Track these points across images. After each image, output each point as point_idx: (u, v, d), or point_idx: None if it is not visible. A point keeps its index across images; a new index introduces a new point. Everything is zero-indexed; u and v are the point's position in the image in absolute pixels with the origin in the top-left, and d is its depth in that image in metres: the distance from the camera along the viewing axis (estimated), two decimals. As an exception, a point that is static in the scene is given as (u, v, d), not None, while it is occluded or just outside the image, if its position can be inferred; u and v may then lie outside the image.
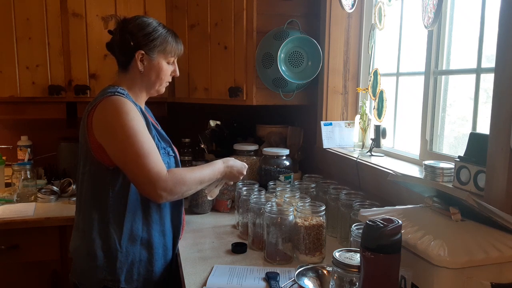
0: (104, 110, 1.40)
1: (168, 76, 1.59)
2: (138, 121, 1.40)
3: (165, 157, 1.50)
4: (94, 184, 1.46)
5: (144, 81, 1.55)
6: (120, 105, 1.39)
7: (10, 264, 2.04)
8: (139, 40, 1.50)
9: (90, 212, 1.45)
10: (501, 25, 1.11)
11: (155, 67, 1.53)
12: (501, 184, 1.11)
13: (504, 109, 1.09)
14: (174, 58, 1.60)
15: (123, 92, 1.46)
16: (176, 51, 1.58)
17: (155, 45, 1.51)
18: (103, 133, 1.40)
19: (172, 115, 2.69)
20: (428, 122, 1.68)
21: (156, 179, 1.35)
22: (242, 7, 2.12)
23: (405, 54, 1.88)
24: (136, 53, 1.49)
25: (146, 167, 1.35)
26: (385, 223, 0.89)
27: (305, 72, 2.13)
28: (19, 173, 2.35)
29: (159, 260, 1.51)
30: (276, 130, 2.43)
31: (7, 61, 2.24)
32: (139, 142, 1.36)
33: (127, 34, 1.50)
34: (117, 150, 1.39)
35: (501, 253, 0.91)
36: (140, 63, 1.51)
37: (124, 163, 1.38)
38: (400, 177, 1.33)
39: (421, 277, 0.95)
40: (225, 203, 2.04)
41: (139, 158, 1.35)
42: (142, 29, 1.51)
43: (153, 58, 1.52)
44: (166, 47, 1.53)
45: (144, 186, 1.36)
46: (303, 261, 1.43)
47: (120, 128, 1.37)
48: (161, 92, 1.62)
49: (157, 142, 1.48)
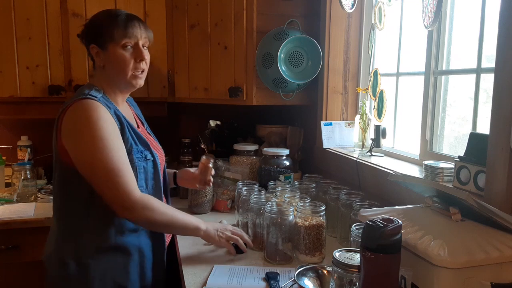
0: (73, 115, 1.31)
1: (130, 63, 1.41)
2: (108, 130, 1.30)
3: (142, 161, 1.41)
4: (63, 190, 1.40)
5: (109, 76, 1.43)
6: (89, 111, 1.29)
7: (10, 264, 2.04)
8: (90, 34, 1.41)
9: (60, 219, 1.40)
10: (501, 25, 1.11)
11: (112, 58, 1.40)
12: (501, 184, 1.11)
13: (504, 109, 1.09)
14: (132, 41, 1.40)
15: (96, 94, 1.36)
16: (127, 33, 1.39)
17: (100, 34, 1.39)
18: (70, 140, 1.32)
19: (172, 115, 2.69)
20: (428, 122, 1.68)
21: (123, 198, 1.28)
22: (242, 7, 2.12)
23: (405, 54, 1.88)
24: (90, 49, 1.42)
25: (114, 185, 1.28)
26: (385, 223, 0.89)
27: (305, 72, 2.13)
28: (19, 173, 2.35)
29: (135, 267, 1.42)
30: (276, 130, 2.44)
31: (7, 61, 2.24)
32: (108, 157, 1.28)
33: (85, 29, 1.44)
34: (84, 162, 1.30)
35: (501, 253, 0.91)
36: (97, 58, 1.42)
37: (90, 176, 1.30)
38: (400, 177, 1.33)
39: (421, 277, 0.95)
40: (225, 203, 2.05)
41: (107, 174, 1.27)
42: (94, 21, 1.43)
43: (106, 48, 1.39)
44: (113, 32, 1.38)
45: (111, 203, 1.30)
46: (303, 261, 1.43)
47: (88, 139, 1.28)
48: (137, 84, 1.46)
49: (132, 145, 1.39)
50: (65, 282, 1.37)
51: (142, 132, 1.53)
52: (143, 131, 1.56)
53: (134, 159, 1.38)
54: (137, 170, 1.39)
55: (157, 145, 1.60)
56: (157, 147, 1.59)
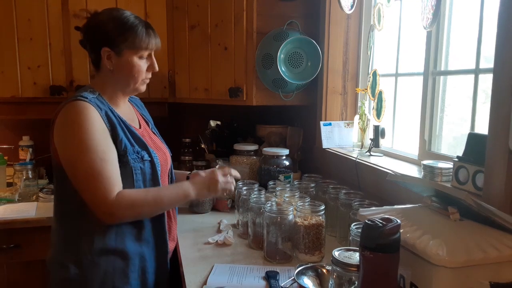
0: (62, 117, 1.31)
1: (143, 72, 1.43)
2: (93, 133, 1.28)
3: (138, 162, 1.38)
4: (61, 192, 1.39)
5: (116, 80, 1.42)
6: (76, 114, 1.28)
7: (12, 264, 2.05)
8: (103, 36, 1.37)
9: (60, 223, 1.40)
10: (499, 26, 1.11)
11: (125, 64, 1.39)
12: (499, 183, 1.11)
13: (502, 110, 1.10)
14: (148, 52, 1.43)
15: (88, 95, 1.34)
16: (148, 44, 1.41)
17: (120, 40, 1.37)
18: (59, 142, 1.32)
19: (173, 115, 2.70)
20: (427, 122, 1.69)
21: (99, 202, 1.26)
22: (242, 8, 2.12)
23: (404, 54, 1.89)
24: (101, 51, 1.38)
25: (91, 189, 1.26)
26: (384, 223, 0.89)
27: (304, 72, 2.14)
28: (21, 173, 2.36)
29: (136, 272, 1.40)
30: (276, 130, 2.44)
31: (9, 61, 2.25)
32: (89, 160, 1.26)
33: (93, 28, 1.39)
34: (67, 164, 1.30)
35: (500, 252, 0.91)
36: (107, 61, 1.39)
37: (73, 179, 1.30)
38: (399, 177, 1.34)
39: (420, 276, 0.96)
40: (225, 202, 2.05)
41: (86, 177, 1.26)
42: (108, 22, 1.37)
43: (121, 54, 1.38)
44: (134, 41, 1.37)
45: (89, 206, 1.29)
46: (303, 260, 1.44)
47: (72, 141, 1.28)
48: (141, 91, 1.48)
49: (127, 146, 1.36)
50: (66, 286, 1.37)
51: (144, 132, 1.52)
52: (146, 131, 1.54)
53: (130, 160, 1.36)
54: (133, 171, 1.37)
55: (161, 145, 1.58)
56: (160, 147, 1.56)
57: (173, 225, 1.58)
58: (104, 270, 1.36)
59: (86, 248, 1.34)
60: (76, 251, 1.35)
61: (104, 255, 1.36)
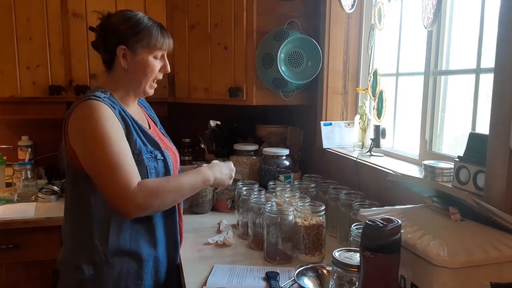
0: (76, 116, 1.32)
1: (156, 72, 1.47)
2: (109, 128, 1.30)
3: (152, 161, 1.40)
4: (75, 193, 1.39)
5: (129, 79, 1.44)
6: (91, 111, 1.30)
7: (11, 264, 2.05)
8: (119, 35, 1.39)
9: (74, 224, 1.39)
10: (500, 25, 1.11)
11: (140, 63, 1.42)
12: (500, 184, 1.11)
13: (503, 109, 1.09)
14: (162, 52, 1.46)
15: (100, 95, 1.35)
16: (162, 45, 1.44)
17: (137, 39, 1.39)
18: (75, 140, 1.32)
19: (173, 115, 2.69)
20: (428, 122, 1.68)
21: (122, 193, 1.25)
22: (242, 8, 2.12)
23: (405, 54, 1.89)
24: (117, 48, 1.39)
25: (112, 181, 1.26)
26: (385, 223, 0.89)
27: (305, 72, 2.14)
28: (20, 173, 2.36)
29: (149, 273, 1.41)
30: (276, 130, 2.44)
31: (8, 61, 2.25)
32: (107, 153, 1.26)
33: (108, 29, 1.41)
34: (86, 160, 1.30)
35: (501, 252, 0.91)
36: (123, 59, 1.40)
37: (93, 175, 1.30)
38: (399, 177, 1.33)
39: (420, 277, 0.95)
40: (225, 202, 2.05)
41: (106, 171, 1.26)
42: (123, 23, 1.40)
43: (137, 53, 1.40)
44: (150, 41, 1.40)
45: (112, 200, 1.27)
46: (303, 260, 1.43)
47: (89, 137, 1.28)
48: (149, 94, 1.50)
49: (141, 147, 1.38)
50: (79, 286, 1.36)
51: (154, 132, 1.53)
52: (155, 131, 1.56)
53: (144, 159, 1.37)
54: (148, 170, 1.38)
55: (170, 145, 1.60)
56: (170, 147, 1.58)
57: (181, 223, 1.60)
58: (119, 271, 1.36)
59: (100, 249, 1.34)
60: (90, 252, 1.35)
61: (119, 256, 1.36)
